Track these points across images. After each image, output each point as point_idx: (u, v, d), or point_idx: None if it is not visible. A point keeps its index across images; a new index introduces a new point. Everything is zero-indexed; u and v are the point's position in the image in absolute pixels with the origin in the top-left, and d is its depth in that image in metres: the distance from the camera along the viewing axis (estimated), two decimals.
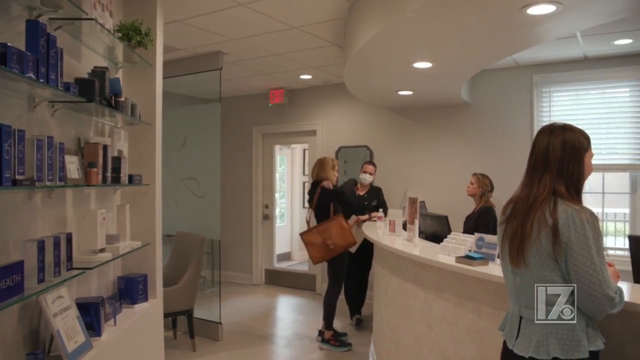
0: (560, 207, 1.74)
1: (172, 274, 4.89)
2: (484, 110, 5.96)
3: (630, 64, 5.18)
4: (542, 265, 1.76)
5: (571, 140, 1.83)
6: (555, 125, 1.90)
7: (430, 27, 3.32)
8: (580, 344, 1.70)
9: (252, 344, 5.09)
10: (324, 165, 5.00)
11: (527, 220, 1.80)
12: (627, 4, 3.04)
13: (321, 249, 4.86)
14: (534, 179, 1.86)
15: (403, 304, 3.45)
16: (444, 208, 5.04)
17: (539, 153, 1.87)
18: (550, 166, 1.82)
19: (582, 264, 1.67)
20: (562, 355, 1.70)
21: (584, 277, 1.67)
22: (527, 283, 1.82)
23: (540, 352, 1.74)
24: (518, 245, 1.82)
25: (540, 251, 1.76)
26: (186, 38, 4.87)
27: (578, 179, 1.82)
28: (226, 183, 7.36)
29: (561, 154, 1.82)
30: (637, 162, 5.20)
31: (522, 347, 1.81)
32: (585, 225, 1.69)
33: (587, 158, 1.85)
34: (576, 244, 1.69)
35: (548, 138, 1.86)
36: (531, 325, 1.80)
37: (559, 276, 1.74)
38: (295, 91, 7.36)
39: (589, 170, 1.87)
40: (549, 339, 1.73)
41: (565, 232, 1.70)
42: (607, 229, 5.74)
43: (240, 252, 7.88)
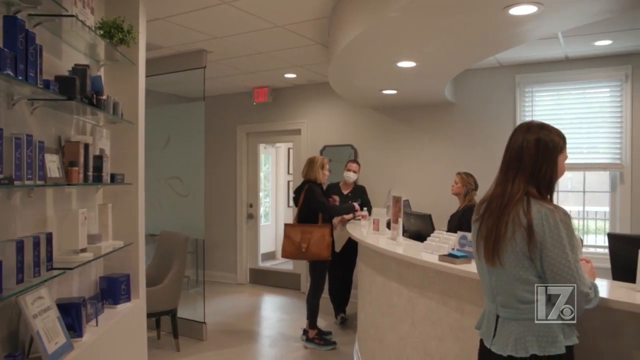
0: (534, 207, 1.77)
1: (155, 273, 4.85)
2: (468, 109, 6.00)
3: (610, 65, 5.27)
4: (517, 265, 1.79)
5: (546, 139, 1.84)
6: (533, 123, 1.91)
7: (413, 26, 3.34)
8: (556, 339, 1.73)
9: (236, 344, 5.08)
10: (314, 165, 5.00)
11: (501, 221, 1.82)
12: (606, 6, 3.09)
13: (295, 247, 4.88)
14: (508, 177, 1.87)
15: (387, 303, 3.47)
16: (428, 207, 5.07)
17: (514, 151, 1.88)
18: (524, 166, 1.84)
19: (557, 262, 1.70)
20: (539, 351, 1.73)
21: (559, 275, 1.70)
22: (503, 282, 1.84)
23: (518, 349, 1.76)
24: (493, 245, 1.84)
25: (516, 251, 1.78)
26: (169, 36, 4.84)
27: (550, 180, 1.84)
28: (210, 182, 7.32)
29: (535, 154, 1.83)
30: (616, 161, 5.28)
31: (500, 346, 1.83)
32: (559, 224, 1.72)
33: (560, 159, 1.86)
34: (550, 243, 1.71)
35: (523, 136, 1.87)
36: (508, 324, 1.83)
37: (535, 275, 1.77)
38: (280, 90, 7.35)
39: (562, 171, 1.88)
40: (526, 337, 1.76)
41: (539, 231, 1.73)
42: (587, 227, 5.82)
43: (224, 252, 7.84)
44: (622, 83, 5.24)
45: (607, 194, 5.49)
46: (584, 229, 5.80)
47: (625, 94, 5.22)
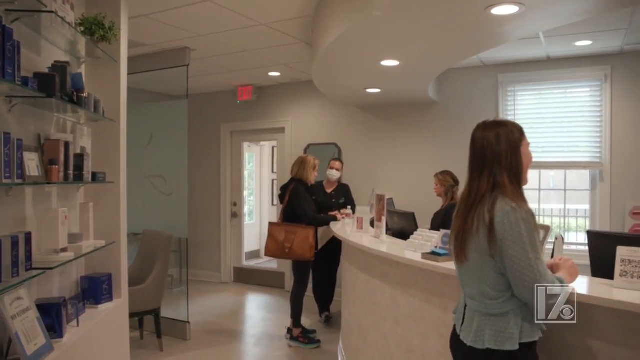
0: (498, 205, 1.80)
1: (138, 273, 4.81)
2: (451, 108, 6.05)
3: (590, 65, 5.34)
4: (480, 261, 1.85)
5: (505, 133, 1.89)
6: (488, 121, 1.96)
7: (397, 25, 3.35)
8: (512, 337, 1.78)
9: (220, 343, 5.06)
10: (305, 165, 4.99)
11: (468, 217, 1.88)
12: (586, 7, 3.13)
13: (278, 246, 4.88)
14: (474, 176, 1.92)
15: (371, 301, 3.48)
16: (413, 205, 5.09)
17: (476, 149, 1.93)
18: (487, 160, 1.88)
19: (517, 260, 1.74)
20: (494, 346, 1.79)
21: (520, 273, 1.74)
22: (469, 276, 1.93)
23: (477, 341, 1.84)
24: (461, 242, 1.91)
25: (479, 247, 1.84)
26: (152, 33, 4.79)
27: (518, 169, 1.88)
28: (194, 181, 7.28)
29: (497, 147, 1.87)
30: (596, 160, 5.36)
31: (465, 335, 1.92)
32: (519, 222, 1.76)
33: (523, 148, 1.92)
34: (511, 240, 1.75)
35: (483, 133, 1.92)
36: (473, 315, 1.90)
37: (496, 272, 1.82)
38: (264, 88, 7.33)
39: (529, 159, 1.94)
40: (485, 330, 1.83)
41: (500, 229, 1.77)
42: (569, 225, 5.90)
43: (208, 251, 7.80)
44: (602, 83, 5.32)
45: (587, 192, 5.58)
46: (565, 227, 5.88)
47: (605, 93, 5.30)
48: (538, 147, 5.60)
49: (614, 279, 2.03)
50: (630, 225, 5.16)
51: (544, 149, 5.60)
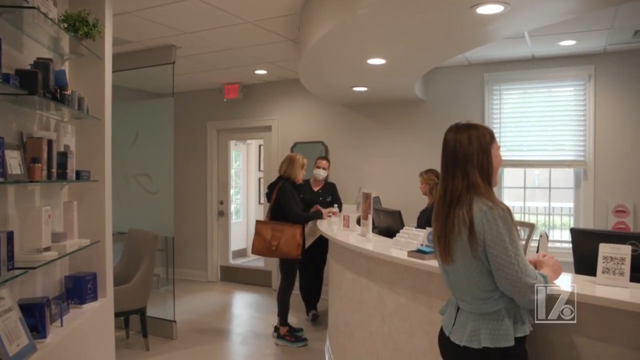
0: (475, 206, 1.84)
1: (124, 272, 4.77)
2: (437, 106, 6.08)
3: (574, 65, 5.40)
4: (465, 262, 1.87)
5: (477, 135, 1.93)
6: (460, 123, 2.00)
7: (383, 23, 3.35)
8: (507, 333, 1.82)
9: (207, 342, 5.04)
10: (294, 163, 5.00)
11: (448, 219, 1.91)
12: (569, 7, 3.17)
13: (265, 244, 4.88)
14: (448, 177, 1.95)
15: (357, 299, 3.48)
16: (399, 203, 5.11)
17: (448, 151, 1.97)
18: (459, 161, 1.92)
19: (499, 257, 1.77)
20: (491, 344, 1.82)
21: (502, 270, 1.77)
22: (458, 278, 1.94)
23: (472, 341, 1.86)
24: (444, 244, 1.93)
25: (463, 249, 1.86)
26: (137, 30, 4.75)
27: (488, 170, 1.91)
28: (180, 179, 7.24)
29: (469, 149, 1.91)
30: (580, 158, 5.42)
31: (457, 336, 1.92)
32: (497, 220, 1.79)
33: (494, 150, 1.95)
34: (491, 239, 1.79)
35: (455, 136, 1.96)
36: (466, 316, 1.92)
37: (482, 272, 1.84)
38: (251, 86, 7.30)
39: (499, 161, 1.97)
40: (480, 330, 1.85)
41: (480, 229, 1.81)
42: (553, 223, 5.96)
43: (195, 249, 7.77)
44: (586, 82, 5.38)
45: (571, 190, 5.64)
46: (550, 225, 5.93)
47: (589, 93, 5.36)
48: (523, 145, 5.65)
49: (596, 275, 2.06)
50: (613, 223, 5.23)
51: (529, 148, 5.65)
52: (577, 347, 1.98)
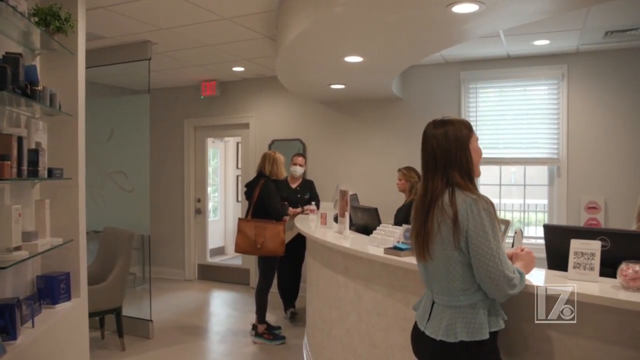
0: (459, 198, 1.86)
1: (99, 271, 4.71)
2: (414, 104, 6.12)
3: (548, 64, 5.49)
4: (446, 256, 1.89)
5: (453, 131, 1.94)
6: (437, 120, 2.01)
7: (359, 21, 3.36)
8: (482, 326, 1.85)
9: (184, 341, 5.00)
10: (277, 162, 5.00)
11: (428, 217, 1.92)
12: (542, 7, 3.21)
13: (249, 243, 4.87)
14: (428, 175, 1.97)
15: (334, 296, 3.49)
16: (377, 200, 5.13)
17: (427, 149, 1.99)
18: (439, 161, 1.94)
19: (480, 249, 1.80)
20: (467, 337, 1.84)
21: (482, 262, 1.80)
22: (436, 273, 1.95)
23: (449, 335, 1.87)
24: (422, 242, 1.95)
25: (443, 243, 1.88)
26: (112, 26, 4.67)
27: (467, 166, 1.93)
28: (156, 177, 7.15)
29: (447, 146, 1.92)
30: (554, 156, 5.51)
31: (433, 330, 1.94)
32: (481, 213, 1.81)
33: (472, 143, 1.96)
34: (474, 231, 1.81)
35: (432, 132, 1.98)
36: (442, 310, 1.94)
37: (463, 264, 1.87)
38: (228, 83, 7.25)
39: (478, 154, 1.99)
40: (456, 323, 1.87)
41: (464, 221, 1.83)
42: (528, 219, 6.05)
43: (172, 248, 7.69)
44: (559, 81, 5.48)
45: (545, 187, 5.73)
46: (525, 221, 6.03)
47: (562, 92, 5.46)
48: (499, 143, 5.73)
49: (568, 270, 2.09)
50: (585, 219, 5.33)
51: (504, 145, 5.72)
52: (551, 341, 2.02)
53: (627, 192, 5.07)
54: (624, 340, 1.82)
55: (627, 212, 3.96)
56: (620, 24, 4.44)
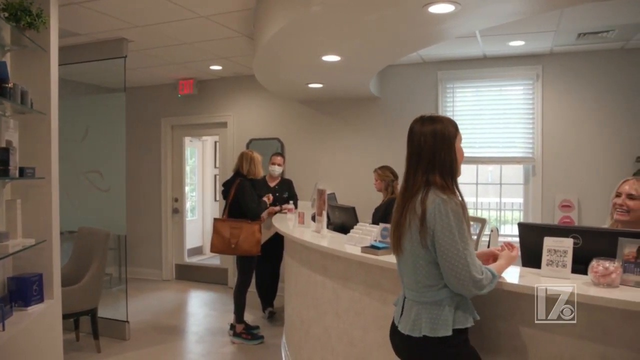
0: (430, 198, 1.88)
1: (73, 272, 4.63)
2: (392, 103, 6.15)
3: (523, 64, 5.58)
4: (413, 252, 1.93)
5: (441, 130, 1.96)
6: (425, 117, 2.02)
7: (337, 21, 3.37)
8: (446, 323, 1.87)
9: (161, 341, 4.95)
10: (255, 161, 4.98)
11: (404, 211, 1.95)
12: (517, 9, 3.26)
13: (224, 243, 4.85)
14: (410, 171, 1.99)
15: (312, 295, 3.49)
16: (355, 199, 5.15)
17: (413, 145, 1.99)
18: (423, 157, 1.95)
19: (447, 250, 1.82)
20: (429, 333, 1.87)
21: (448, 262, 1.82)
22: (405, 267, 2.00)
23: (414, 330, 1.91)
24: (397, 235, 1.98)
25: (412, 239, 1.91)
26: (86, 22, 4.60)
27: (451, 166, 1.95)
28: (133, 176, 7.07)
29: (433, 145, 1.94)
30: (529, 155, 5.60)
31: (403, 325, 1.98)
32: (449, 214, 1.83)
33: (457, 144, 1.99)
34: (441, 231, 1.83)
35: (420, 128, 1.98)
36: (411, 305, 1.97)
37: (429, 262, 1.90)
38: (205, 82, 7.20)
39: (462, 154, 2.02)
40: (421, 318, 1.91)
41: (431, 220, 1.85)
42: (505, 218, 6.13)
43: (149, 248, 7.61)
44: (534, 82, 5.56)
45: (521, 186, 5.82)
46: (502, 220, 6.11)
47: (537, 92, 5.55)
48: (475, 142, 5.79)
49: (541, 268, 2.12)
50: (559, 217, 5.43)
51: (481, 145, 5.79)
52: (523, 337, 2.05)
53: (600, 190, 5.18)
54: (595, 335, 1.86)
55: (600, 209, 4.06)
56: (592, 26, 4.53)
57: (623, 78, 5.27)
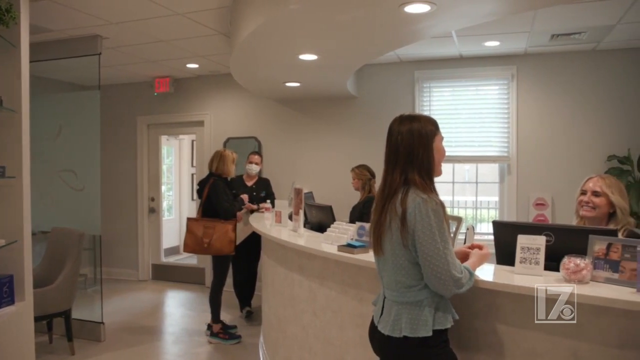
0: (409, 197, 1.88)
1: (46, 273, 4.56)
2: (369, 102, 6.18)
3: (498, 64, 5.65)
4: (394, 252, 1.92)
5: (418, 129, 1.95)
6: (404, 116, 2.02)
7: (313, 19, 3.37)
8: (426, 323, 1.87)
9: (137, 342, 4.89)
10: (225, 159, 4.94)
11: (383, 212, 1.95)
12: (491, 9, 3.30)
13: (196, 242, 4.83)
14: (389, 170, 1.99)
15: (289, 294, 3.49)
16: (332, 198, 5.16)
17: (391, 144, 1.99)
18: (400, 156, 1.95)
19: (427, 249, 1.83)
20: (410, 333, 1.88)
21: (429, 262, 1.83)
22: (386, 268, 2.00)
23: (394, 330, 1.92)
24: (377, 235, 1.98)
25: (392, 239, 1.91)
26: (59, 19, 4.50)
27: (429, 165, 1.95)
28: (108, 175, 6.99)
29: (410, 143, 1.94)
30: (504, 154, 5.68)
31: (383, 325, 1.98)
32: (429, 213, 1.83)
33: (436, 143, 1.99)
34: (421, 231, 1.83)
35: (398, 128, 1.98)
36: (391, 305, 1.98)
37: (410, 261, 1.90)
38: (182, 80, 7.13)
39: (442, 154, 2.02)
40: (401, 319, 1.91)
41: (411, 220, 1.85)
42: (481, 216, 6.21)
43: (125, 248, 7.51)
44: (509, 82, 5.65)
45: (496, 185, 5.90)
46: (478, 218, 6.18)
47: (512, 92, 5.63)
48: (452, 141, 5.85)
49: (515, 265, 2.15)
50: (534, 215, 5.52)
51: (457, 144, 5.85)
52: (497, 334, 2.07)
53: (573, 189, 5.11)
54: (567, 331, 1.89)
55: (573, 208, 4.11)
56: (565, 27, 4.62)
57: (594, 78, 5.38)
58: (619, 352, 1.81)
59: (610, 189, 2.65)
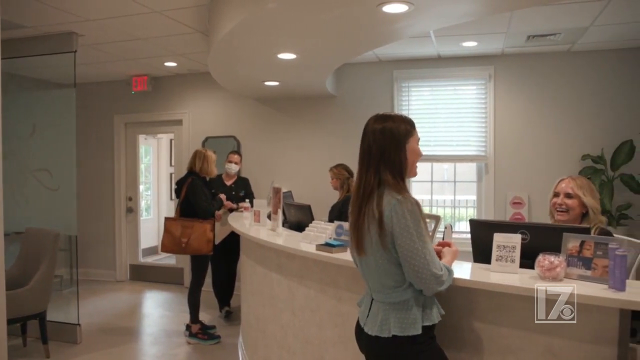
0: (385, 199, 1.88)
1: (20, 274, 4.47)
2: (348, 102, 6.19)
3: (476, 65, 5.72)
4: (376, 254, 1.92)
5: (391, 128, 1.94)
6: (379, 115, 2.01)
7: (292, 18, 3.36)
8: (415, 322, 1.88)
9: (115, 344, 4.83)
10: (208, 159, 4.92)
11: (361, 213, 1.95)
12: (467, 10, 3.34)
13: (174, 242, 4.79)
14: (363, 170, 1.98)
15: (268, 294, 3.48)
16: (311, 197, 5.16)
17: (364, 143, 1.99)
18: (373, 156, 1.94)
19: (406, 250, 1.83)
20: (399, 332, 1.88)
21: (409, 262, 1.83)
22: (369, 270, 1.99)
23: (383, 330, 1.91)
24: (357, 237, 1.97)
25: (372, 242, 1.91)
26: (33, 15, 4.42)
27: (400, 166, 1.94)
28: (85, 175, 6.89)
29: (382, 143, 1.93)
30: (482, 153, 5.74)
31: (370, 326, 1.97)
32: (405, 214, 1.83)
33: (411, 144, 1.96)
34: (399, 232, 1.84)
35: (372, 127, 1.97)
36: (378, 306, 1.97)
37: (392, 262, 1.90)
38: (160, 79, 7.06)
39: (416, 154, 1.99)
40: (389, 319, 1.91)
41: (389, 222, 1.85)
42: (459, 215, 6.27)
43: (102, 248, 7.41)
44: (486, 82, 5.71)
45: (474, 184, 5.96)
46: (456, 217, 6.24)
47: (489, 92, 5.70)
48: (430, 141, 5.89)
49: (491, 263, 2.18)
50: (511, 214, 5.59)
51: (436, 143, 5.90)
52: (475, 331, 2.10)
53: (549, 188, 5.25)
54: (545, 327, 1.92)
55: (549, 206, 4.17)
56: (540, 29, 4.69)
57: (569, 79, 5.48)
58: (593, 347, 1.84)
59: (582, 190, 2.71)
